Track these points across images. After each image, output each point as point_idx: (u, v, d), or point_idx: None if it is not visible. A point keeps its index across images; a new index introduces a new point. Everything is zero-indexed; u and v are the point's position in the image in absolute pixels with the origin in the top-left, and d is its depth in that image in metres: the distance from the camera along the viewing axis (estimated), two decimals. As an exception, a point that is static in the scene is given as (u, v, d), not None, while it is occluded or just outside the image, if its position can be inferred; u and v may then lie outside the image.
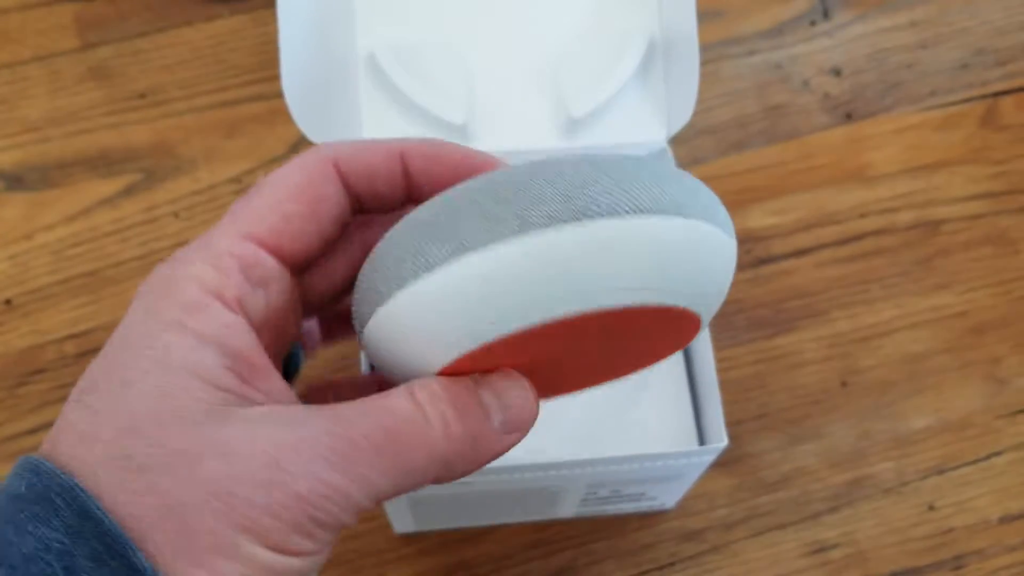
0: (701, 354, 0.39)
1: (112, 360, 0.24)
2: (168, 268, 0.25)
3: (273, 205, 0.26)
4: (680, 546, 0.44)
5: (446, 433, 0.25)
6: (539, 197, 0.23)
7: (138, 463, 0.22)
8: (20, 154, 0.51)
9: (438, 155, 0.28)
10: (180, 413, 0.23)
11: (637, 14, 0.43)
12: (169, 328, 0.24)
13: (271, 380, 0.25)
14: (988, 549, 0.44)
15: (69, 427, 0.23)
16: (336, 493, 0.23)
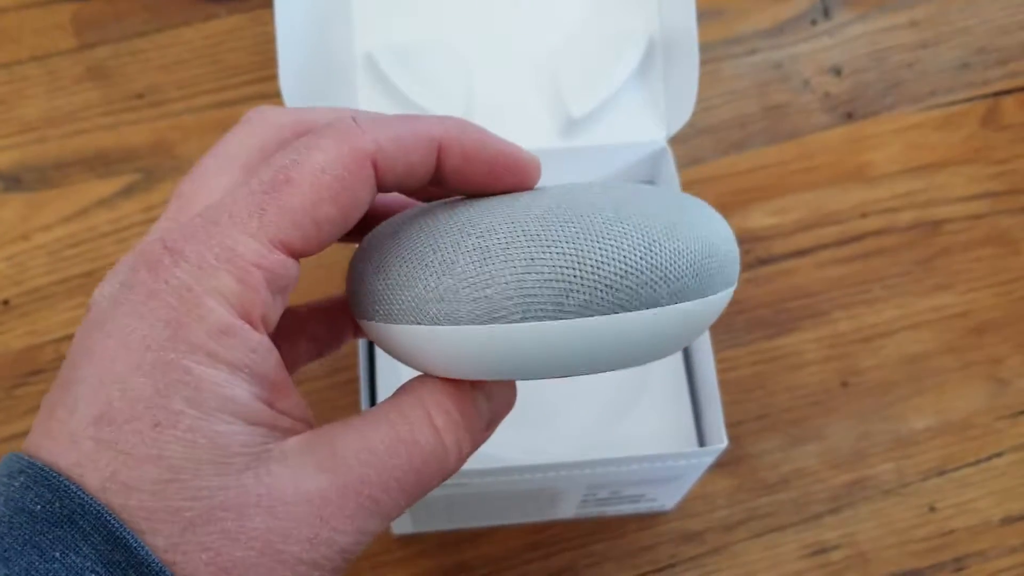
0: (701, 355, 0.39)
1: (130, 386, 0.21)
2: (185, 274, 0.22)
3: (309, 207, 0.23)
4: (680, 548, 0.44)
5: (459, 459, 0.25)
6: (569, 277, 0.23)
7: (184, 518, 0.21)
8: (18, 154, 0.50)
9: (475, 152, 0.26)
10: (220, 459, 0.22)
11: (636, 14, 0.43)
12: (199, 359, 0.22)
13: (292, 396, 0.24)
14: (989, 550, 0.44)
15: (91, 466, 0.21)
16: (369, 536, 0.24)
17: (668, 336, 0.24)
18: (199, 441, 0.21)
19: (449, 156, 0.25)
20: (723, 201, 0.50)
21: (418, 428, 0.24)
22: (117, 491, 0.21)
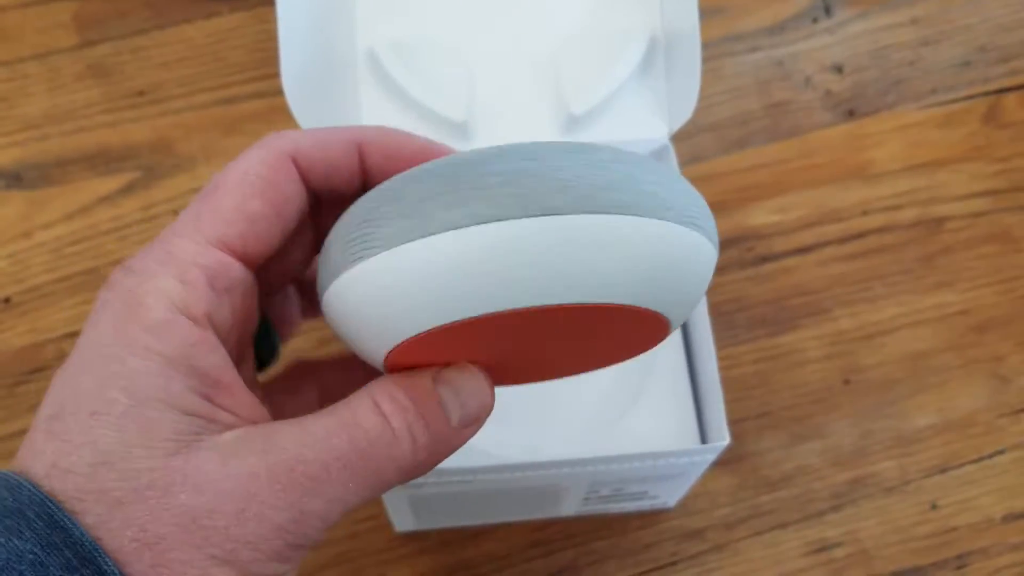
0: (703, 352, 0.39)
1: (77, 385, 0.23)
2: (131, 281, 0.25)
3: (238, 205, 0.25)
4: (681, 545, 0.44)
5: (414, 447, 0.25)
6: (506, 182, 0.22)
7: (112, 497, 0.22)
8: (19, 152, 0.50)
9: (396, 149, 0.28)
10: (150, 444, 0.22)
11: (638, 11, 0.43)
12: (136, 352, 0.23)
13: (239, 395, 0.25)
14: (991, 548, 0.44)
15: (39, 456, 0.23)
16: (312, 518, 0.23)
17: (639, 257, 0.23)
18: (130, 427, 0.23)
19: (371, 154, 0.27)
20: (724, 199, 0.50)
21: (362, 413, 0.24)
22: (57, 476, 0.22)
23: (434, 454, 0.25)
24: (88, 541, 0.21)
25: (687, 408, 0.41)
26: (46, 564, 0.21)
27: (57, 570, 0.21)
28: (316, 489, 0.23)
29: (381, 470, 0.24)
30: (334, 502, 0.23)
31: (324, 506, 0.23)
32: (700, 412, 0.41)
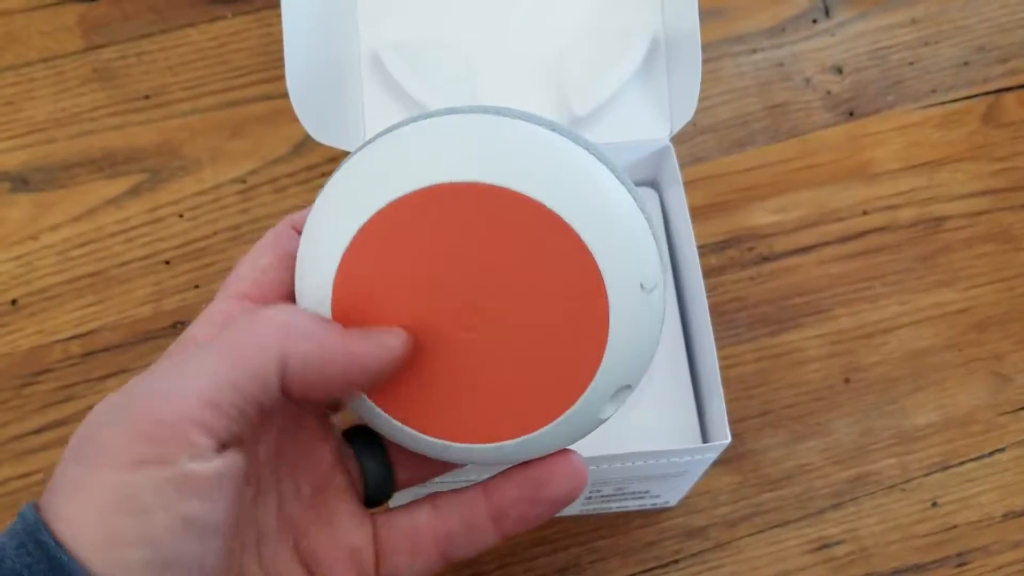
0: (704, 351, 0.39)
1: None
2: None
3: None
4: (683, 543, 0.44)
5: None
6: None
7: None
8: (25, 155, 0.51)
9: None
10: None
11: (639, 12, 0.43)
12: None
13: None
14: (992, 546, 0.44)
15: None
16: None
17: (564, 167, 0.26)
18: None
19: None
20: (725, 199, 0.51)
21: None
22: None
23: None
24: (33, 517, 0.22)
25: (688, 407, 0.41)
26: (4, 545, 0.22)
27: (11, 549, 0.22)
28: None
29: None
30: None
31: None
32: (701, 411, 0.41)
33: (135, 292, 0.48)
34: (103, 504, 0.22)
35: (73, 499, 0.22)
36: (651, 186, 0.46)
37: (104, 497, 0.22)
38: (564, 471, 0.28)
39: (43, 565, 0.21)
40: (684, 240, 0.41)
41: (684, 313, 0.43)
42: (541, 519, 0.29)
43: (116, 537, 0.22)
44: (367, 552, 0.29)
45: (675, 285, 0.43)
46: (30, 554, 0.22)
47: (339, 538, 0.29)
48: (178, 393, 0.23)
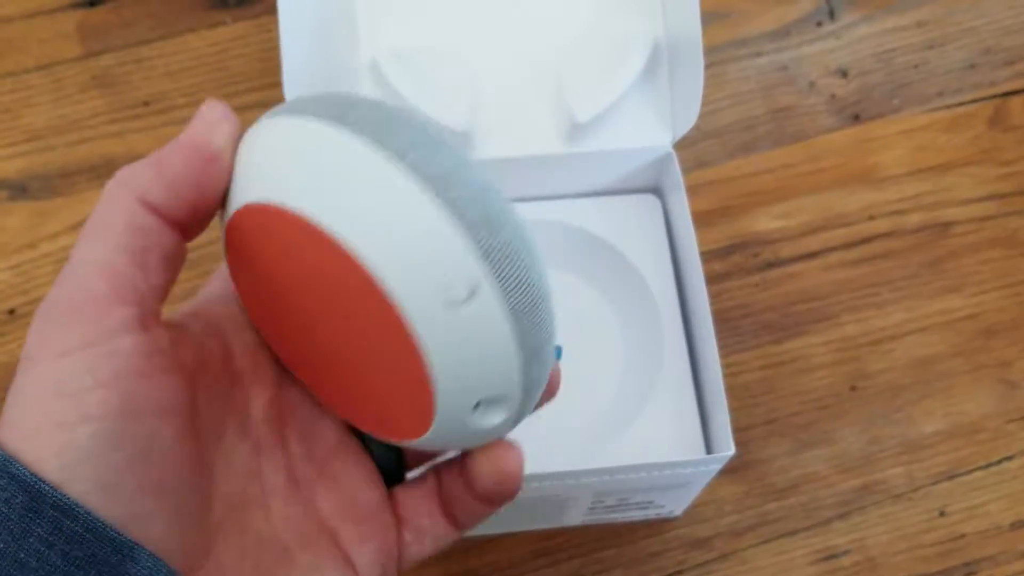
0: (707, 361, 0.39)
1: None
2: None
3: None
4: (688, 554, 0.44)
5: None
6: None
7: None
8: (24, 163, 0.50)
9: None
10: None
11: (641, 18, 0.43)
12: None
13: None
14: (1000, 555, 0.44)
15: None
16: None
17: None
18: None
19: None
20: (730, 204, 0.50)
21: None
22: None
23: None
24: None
25: (692, 417, 0.41)
26: None
27: None
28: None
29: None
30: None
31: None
32: (705, 421, 0.41)
33: (134, 301, 0.48)
34: (41, 396, 0.22)
35: (15, 410, 0.22)
36: (654, 193, 0.45)
37: (41, 389, 0.22)
38: (491, 463, 0.28)
39: (20, 497, 0.21)
40: (687, 248, 0.41)
41: (687, 322, 0.42)
42: (485, 514, 0.29)
43: (59, 421, 0.22)
44: (386, 513, 0.29)
45: (678, 293, 0.43)
46: (3, 488, 0.21)
47: (357, 498, 0.28)
48: (76, 277, 0.23)
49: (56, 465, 0.22)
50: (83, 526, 0.21)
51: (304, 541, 0.27)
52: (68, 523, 0.21)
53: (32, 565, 0.21)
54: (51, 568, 0.21)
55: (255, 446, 0.28)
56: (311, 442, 0.29)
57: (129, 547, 0.22)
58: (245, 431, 0.28)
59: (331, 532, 0.28)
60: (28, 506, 0.21)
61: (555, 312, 0.25)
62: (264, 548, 0.27)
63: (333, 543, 0.28)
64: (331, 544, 0.28)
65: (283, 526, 0.27)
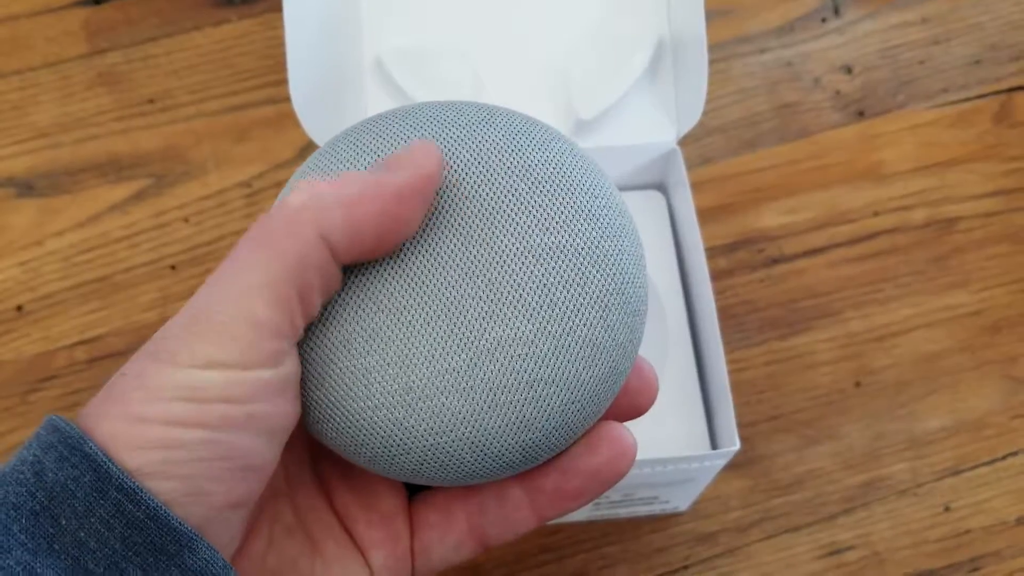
0: (712, 357, 0.39)
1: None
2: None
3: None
4: (693, 549, 0.44)
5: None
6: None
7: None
8: (30, 160, 0.51)
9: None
10: None
11: (645, 15, 0.43)
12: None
13: None
14: (1005, 550, 0.44)
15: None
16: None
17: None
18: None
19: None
20: (734, 200, 0.50)
21: None
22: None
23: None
24: (75, 431, 0.22)
25: (697, 413, 0.41)
26: (43, 461, 0.22)
27: (51, 463, 0.22)
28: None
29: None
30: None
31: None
32: (710, 417, 0.41)
33: (141, 298, 0.48)
34: (163, 394, 0.22)
35: (118, 398, 0.22)
36: (658, 189, 0.45)
37: (166, 390, 0.22)
38: (603, 440, 0.26)
39: (88, 476, 0.21)
40: (691, 244, 0.41)
41: (692, 318, 0.42)
42: (581, 496, 0.27)
43: (176, 420, 0.22)
44: (400, 520, 0.28)
45: (683, 289, 0.43)
46: (75, 466, 0.21)
47: (372, 502, 0.28)
48: (237, 294, 0.23)
49: (158, 458, 0.22)
50: (145, 512, 0.21)
51: (328, 531, 0.28)
52: (130, 507, 0.21)
53: (91, 546, 0.21)
54: (110, 551, 0.21)
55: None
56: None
57: (188, 537, 0.22)
58: None
59: (349, 529, 0.28)
60: (94, 486, 0.21)
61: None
62: (291, 538, 0.27)
63: (351, 539, 0.28)
64: (351, 539, 0.28)
65: (308, 517, 0.27)
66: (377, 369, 0.24)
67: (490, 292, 0.24)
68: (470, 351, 0.24)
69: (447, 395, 0.24)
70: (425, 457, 0.24)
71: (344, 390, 0.24)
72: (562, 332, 0.24)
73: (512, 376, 0.23)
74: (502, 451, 0.24)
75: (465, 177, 0.25)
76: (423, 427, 0.24)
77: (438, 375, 0.24)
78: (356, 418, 0.24)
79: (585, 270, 0.24)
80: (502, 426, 0.24)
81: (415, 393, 0.24)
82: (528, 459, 0.25)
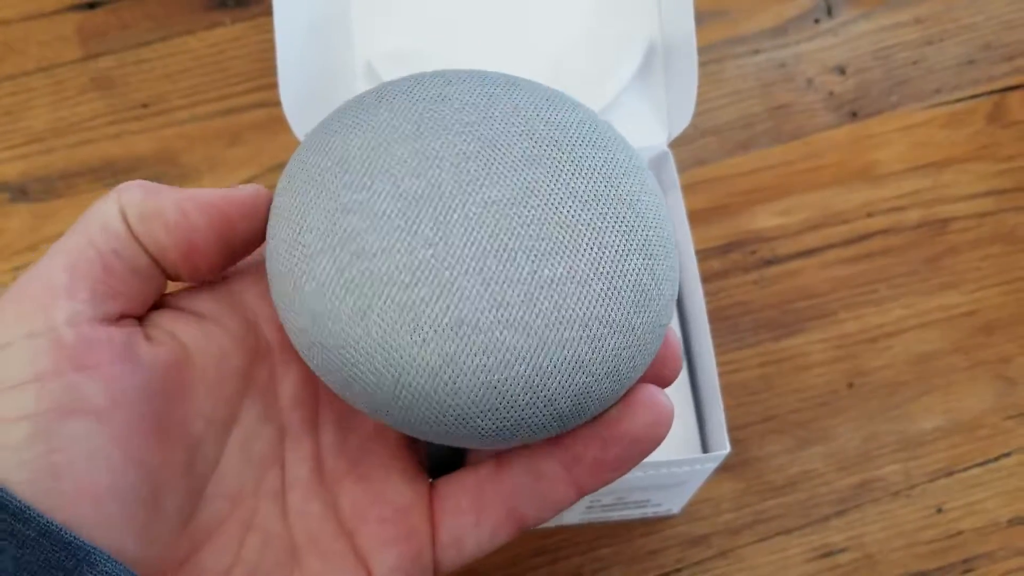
0: (703, 359, 0.39)
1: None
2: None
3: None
4: (686, 551, 0.44)
5: None
6: None
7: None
8: (24, 165, 0.51)
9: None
10: None
11: (636, 17, 0.43)
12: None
13: None
14: (998, 552, 0.44)
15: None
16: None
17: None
18: None
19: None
20: (728, 202, 0.50)
21: None
22: None
23: None
24: None
25: (688, 415, 0.41)
26: None
27: None
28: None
29: None
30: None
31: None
32: (702, 419, 0.41)
33: (134, 302, 0.48)
34: None
35: None
36: (650, 191, 0.45)
37: None
38: (641, 404, 0.25)
39: None
40: (683, 246, 0.41)
41: (684, 321, 0.42)
42: (621, 465, 0.25)
43: (1, 417, 0.21)
44: (417, 512, 0.26)
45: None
46: None
47: (385, 494, 0.26)
48: (39, 267, 0.23)
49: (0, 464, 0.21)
50: (36, 530, 0.20)
51: (316, 543, 0.26)
52: (20, 527, 0.20)
53: None
54: (3, 574, 0.20)
55: (279, 431, 0.26)
56: (346, 431, 0.27)
57: (85, 551, 0.21)
58: (268, 414, 0.26)
59: (349, 534, 0.26)
60: None
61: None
62: (269, 549, 0.25)
63: (349, 546, 0.26)
64: (346, 548, 0.26)
65: (297, 524, 0.26)
66: (426, 302, 0.22)
67: (541, 232, 0.23)
68: (524, 287, 0.23)
69: (502, 329, 0.22)
70: (475, 399, 0.23)
71: (388, 324, 0.23)
72: (614, 273, 0.23)
73: (567, 312, 0.23)
74: (555, 394, 0.23)
75: (504, 129, 0.24)
76: (476, 362, 0.22)
77: (492, 308, 0.22)
78: (400, 355, 0.23)
79: (629, 219, 0.24)
80: (558, 364, 0.23)
81: (468, 326, 0.22)
82: (577, 409, 0.24)
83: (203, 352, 0.25)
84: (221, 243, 0.25)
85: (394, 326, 0.22)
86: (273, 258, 0.24)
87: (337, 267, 0.23)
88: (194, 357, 0.25)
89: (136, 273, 0.24)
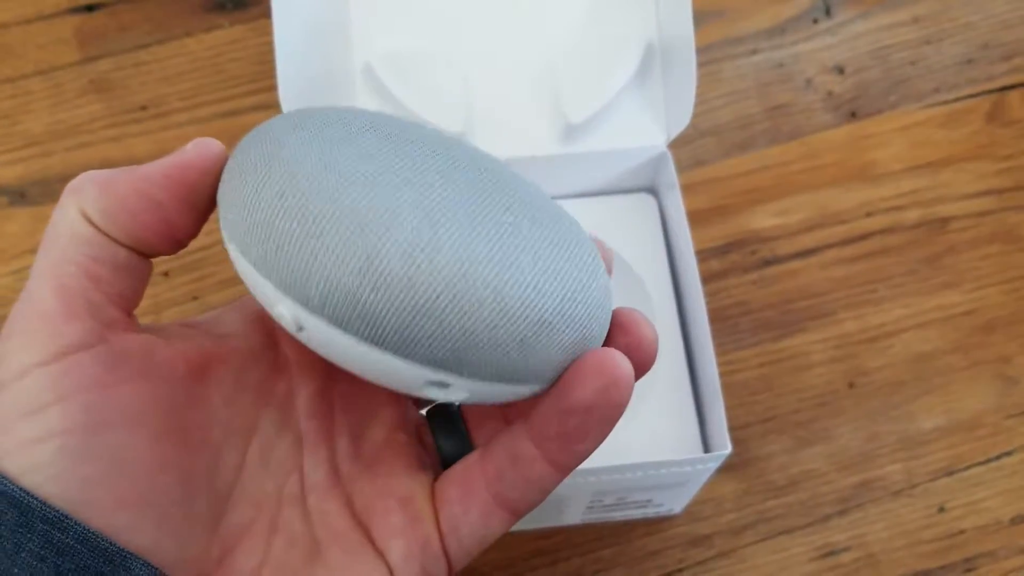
0: (704, 360, 0.39)
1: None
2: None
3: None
4: (688, 552, 0.44)
5: None
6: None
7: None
8: (22, 168, 0.51)
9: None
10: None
11: (634, 18, 0.43)
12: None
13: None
14: (1000, 550, 0.44)
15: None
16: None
17: None
18: None
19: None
20: (727, 202, 0.50)
21: None
22: None
23: None
24: None
25: (689, 415, 0.41)
26: None
27: None
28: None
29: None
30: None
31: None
32: (702, 419, 0.41)
33: (134, 305, 0.48)
34: (9, 417, 0.22)
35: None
36: (649, 192, 0.45)
37: (8, 410, 0.22)
38: (589, 368, 0.24)
39: (11, 513, 0.21)
40: (683, 247, 0.41)
41: (684, 321, 0.42)
42: (585, 436, 0.25)
43: (27, 439, 0.22)
44: (420, 501, 0.27)
45: (674, 292, 0.43)
46: None
47: (390, 487, 0.27)
48: (29, 292, 0.23)
49: (30, 483, 0.22)
50: (74, 538, 0.21)
51: (336, 538, 0.26)
52: (59, 535, 0.21)
53: None
54: None
55: (296, 440, 0.27)
56: (359, 439, 0.28)
57: (122, 557, 0.22)
58: (286, 424, 0.27)
59: (364, 527, 0.27)
60: (19, 521, 0.21)
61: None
62: (294, 548, 0.26)
63: (367, 539, 0.26)
64: (364, 539, 0.26)
65: (317, 522, 0.27)
66: (403, 209, 0.23)
67: (493, 188, 0.25)
68: (490, 224, 0.24)
69: (472, 237, 0.23)
70: (445, 289, 0.22)
71: (358, 231, 0.23)
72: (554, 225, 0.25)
73: (520, 241, 0.24)
74: (520, 306, 0.23)
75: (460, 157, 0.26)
76: (448, 256, 0.22)
77: (465, 226, 0.23)
78: (372, 250, 0.22)
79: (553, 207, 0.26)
80: (520, 278, 0.23)
81: (440, 228, 0.23)
82: (541, 329, 0.23)
83: (220, 364, 0.26)
84: (189, 208, 0.25)
85: (368, 228, 0.23)
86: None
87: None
88: (210, 368, 0.26)
89: (120, 269, 0.24)
